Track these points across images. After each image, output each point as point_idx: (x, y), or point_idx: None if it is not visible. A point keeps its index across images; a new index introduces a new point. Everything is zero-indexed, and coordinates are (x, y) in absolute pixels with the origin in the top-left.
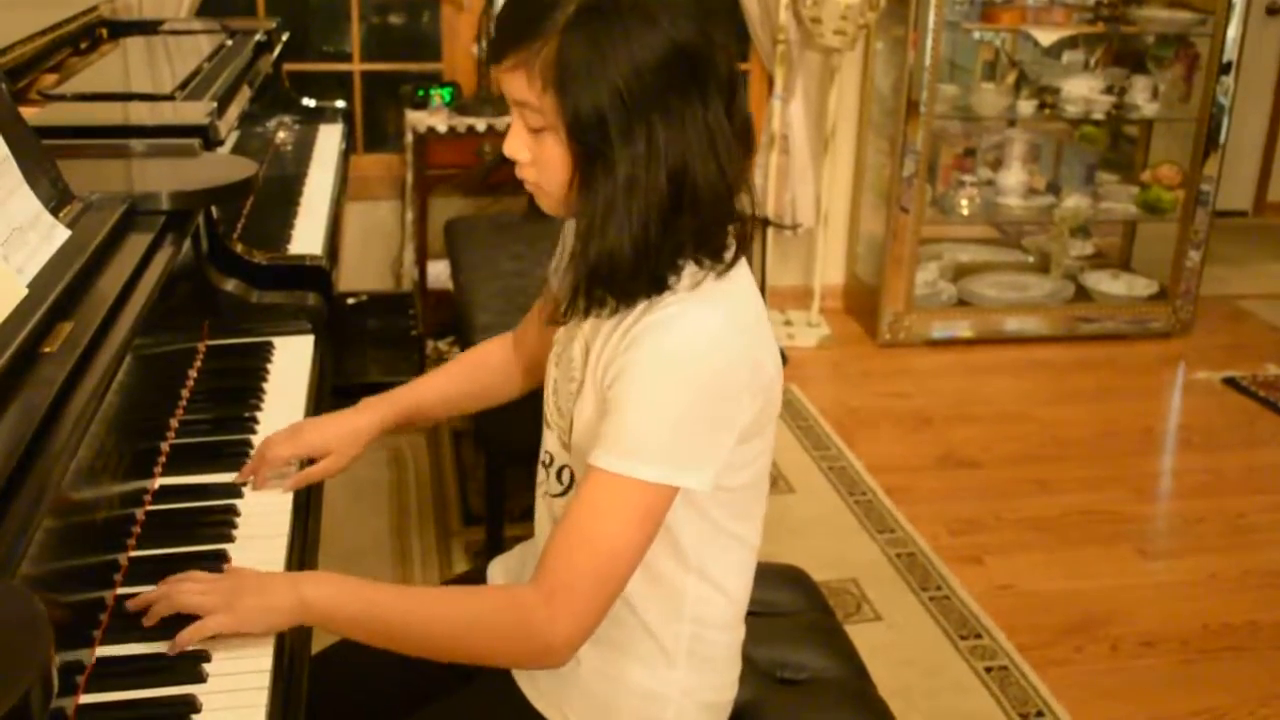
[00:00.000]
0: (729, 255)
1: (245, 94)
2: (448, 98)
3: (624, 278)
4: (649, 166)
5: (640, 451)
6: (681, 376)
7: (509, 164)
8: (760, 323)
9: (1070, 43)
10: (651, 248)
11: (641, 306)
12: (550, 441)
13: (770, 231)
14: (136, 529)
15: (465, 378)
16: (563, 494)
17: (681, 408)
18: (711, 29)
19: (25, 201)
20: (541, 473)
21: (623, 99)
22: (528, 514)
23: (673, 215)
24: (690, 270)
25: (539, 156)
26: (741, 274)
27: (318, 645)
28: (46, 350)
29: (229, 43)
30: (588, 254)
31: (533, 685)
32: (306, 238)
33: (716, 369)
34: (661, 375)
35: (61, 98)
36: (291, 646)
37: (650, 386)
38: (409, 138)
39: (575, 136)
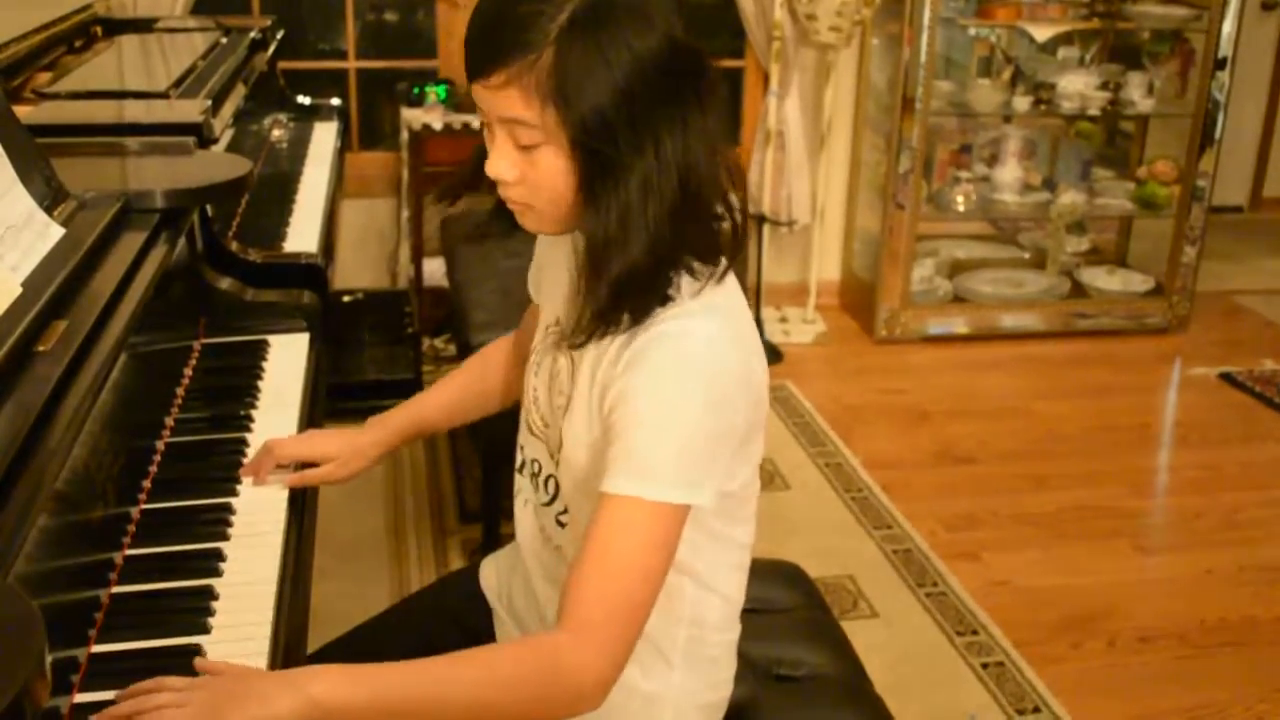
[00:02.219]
0: (722, 259)
1: (240, 92)
2: (443, 95)
3: (643, 288)
4: (660, 170)
5: (654, 473)
6: (686, 393)
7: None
8: (752, 331)
9: (1065, 39)
10: (668, 252)
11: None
12: (536, 449)
13: (766, 228)
14: (131, 527)
15: (468, 383)
16: (550, 503)
17: (689, 425)
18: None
19: (19, 200)
20: (521, 480)
21: (627, 102)
22: None
23: (681, 219)
24: (685, 280)
25: (529, 175)
26: (731, 283)
27: (314, 644)
28: (41, 349)
29: (224, 40)
30: (610, 270)
31: None
32: (302, 235)
33: (717, 382)
34: (667, 394)
35: (56, 96)
36: (286, 646)
37: (657, 406)
38: (404, 135)
39: (581, 146)
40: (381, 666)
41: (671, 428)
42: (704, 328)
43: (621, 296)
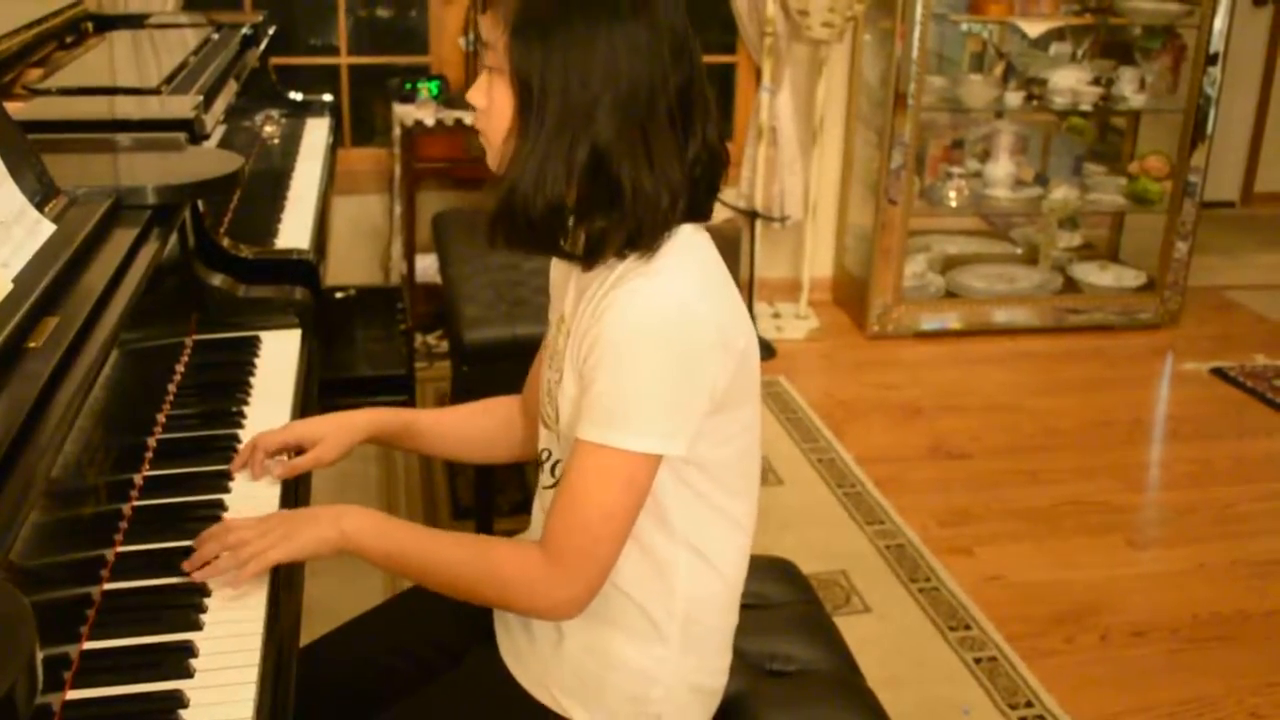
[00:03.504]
0: (667, 234)
1: (232, 87)
2: (435, 91)
3: (528, 223)
4: (575, 135)
5: (618, 421)
6: (652, 344)
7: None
8: (726, 294)
9: (1058, 34)
10: (563, 211)
11: (611, 280)
12: (546, 439)
13: (759, 224)
14: (123, 524)
15: (466, 419)
16: (554, 486)
17: (654, 376)
18: (686, 48)
19: (10, 196)
20: (540, 473)
21: (567, 69)
22: (518, 508)
23: (591, 193)
24: (634, 255)
25: (489, 105)
26: (705, 246)
27: (306, 637)
28: (32, 345)
29: (215, 36)
30: (501, 183)
31: (520, 664)
32: (294, 232)
33: (686, 335)
34: (633, 344)
35: (47, 92)
36: (280, 639)
37: (623, 356)
38: (396, 131)
39: (517, 82)
40: (403, 526)
41: (633, 377)
42: (669, 284)
43: (502, 211)
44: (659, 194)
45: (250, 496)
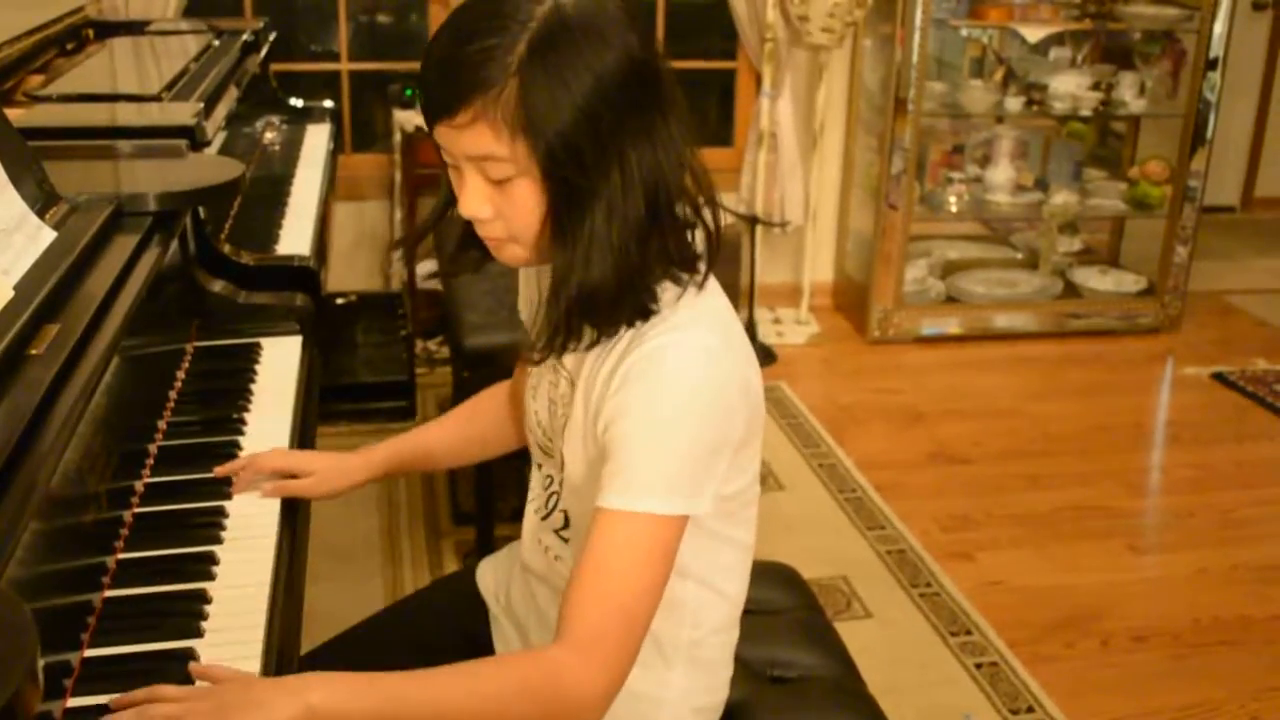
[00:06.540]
0: (701, 265)
1: (232, 94)
2: None
3: (607, 307)
4: (625, 190)
5: (651, 487)
6: (682, 408)
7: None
8: (743, 337)
9: (1057, 39)
10: (634, 272)
11: (627, 338)
12: (548, 466)
13: (759, 229)
14: (124, 531)
15: (462, 425)
16: (546, 517)
17: (686, 438)
18: (650, 36)
19: (11, 203)
20: (533, 480)
21: (593, 124)
22: (518, 514)
23: (649, 235)
24: (668, 288)
25: (505, 209)
26: (715, 289)
27: (307, 644)
28: (33, 352)
29: (216, 43)
30: (569, 290)
31: None
32: (294, 238)
33: (713, 393)
34: (662, 409)
35: (48, 99)
36: (280, 650)
37: (653, 422)
38: (397, 137)
39: (551, 174)
40: (381, 675)
41: (666, 442)
42: (697, 339)
43: (580, 316)
44: (698, 196)
45: (250, 504)
